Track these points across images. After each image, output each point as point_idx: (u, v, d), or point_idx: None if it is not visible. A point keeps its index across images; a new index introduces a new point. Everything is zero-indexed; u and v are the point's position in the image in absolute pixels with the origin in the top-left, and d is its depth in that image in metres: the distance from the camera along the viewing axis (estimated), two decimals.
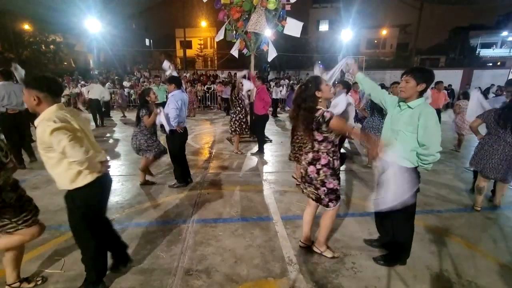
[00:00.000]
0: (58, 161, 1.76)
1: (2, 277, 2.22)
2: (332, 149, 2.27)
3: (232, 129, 5.81)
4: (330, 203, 2.33)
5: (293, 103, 2.33)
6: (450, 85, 15.56)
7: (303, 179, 2.43)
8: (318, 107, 2.19)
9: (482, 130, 3.53)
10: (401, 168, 2.13)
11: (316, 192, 2.34)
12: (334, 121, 2.09)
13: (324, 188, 2.29)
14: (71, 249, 2.56)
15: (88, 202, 1.90)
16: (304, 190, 2.48)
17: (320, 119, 2.12)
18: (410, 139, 2.14)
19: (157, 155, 4.02)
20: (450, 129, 6.85)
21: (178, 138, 3.92)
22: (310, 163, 2.30)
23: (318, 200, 2.38)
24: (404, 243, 2.39)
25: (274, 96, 11.82)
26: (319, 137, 2.22)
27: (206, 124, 9.84)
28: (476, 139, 3.64)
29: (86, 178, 1.83)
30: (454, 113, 6.64)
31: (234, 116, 5.75)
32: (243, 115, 5.79)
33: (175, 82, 3.88)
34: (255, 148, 6.19)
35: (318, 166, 2.26)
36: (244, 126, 5.83)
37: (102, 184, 1.95)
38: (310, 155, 2.30)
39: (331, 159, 2.25)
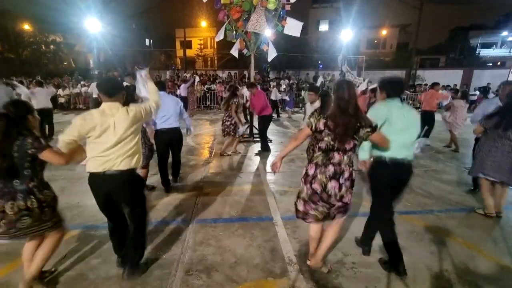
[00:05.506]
0: (139, 140, 2.12)
1: (2, 277, 2.22)
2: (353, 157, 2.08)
3: (231, 132, 5.66)
4: (339, 214, 2.15)
5: (346, 110, 1.94)
6: (455, 85, 15.58)
7: (315, 198, 2.08)
8: None
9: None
10: None
11: (327, 211, 2.11)
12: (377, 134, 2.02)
13: (340, 203, 2.07)
14: (72, 248, 2.57)
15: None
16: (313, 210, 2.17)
17: (364, 123, 1.95)
18: None
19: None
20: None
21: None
22: (332, 178, 2.01)
23: (325, 217, 2.16)
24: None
25: (273, 98, 11.19)
26: (349, 145, 1.98)
27: (206, 124, 9.84)
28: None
29: None
30: (447, 111, 6.71)
31: (230, 120, 5.60)
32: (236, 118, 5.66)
33: (159, 85, 3.79)
34: (257, 148, 6.20)
35: (341, 181, 2.01)
36: (238, 128, 5.71)
37: None
38: (331, 168, 2.00)
39: (352, 169, 2.06)
